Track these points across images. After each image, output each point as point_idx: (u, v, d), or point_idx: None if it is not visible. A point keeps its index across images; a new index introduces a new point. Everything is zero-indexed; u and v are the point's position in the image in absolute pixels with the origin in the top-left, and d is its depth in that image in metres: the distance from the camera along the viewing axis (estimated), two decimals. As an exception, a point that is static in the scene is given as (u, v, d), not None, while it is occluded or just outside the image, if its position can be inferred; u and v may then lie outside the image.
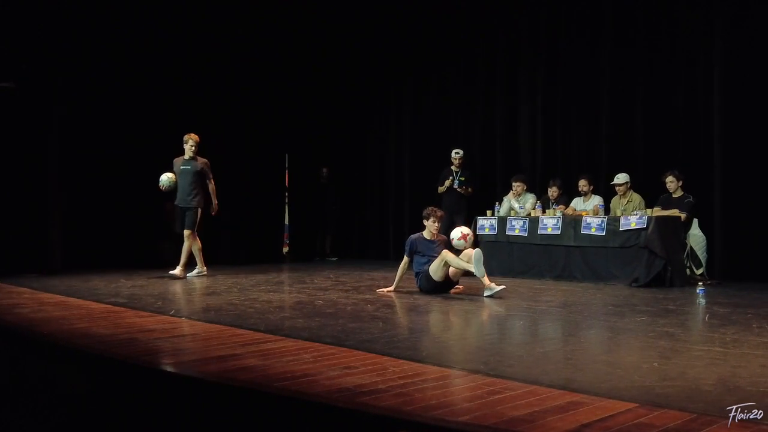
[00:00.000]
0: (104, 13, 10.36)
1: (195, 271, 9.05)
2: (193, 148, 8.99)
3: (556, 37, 10.62)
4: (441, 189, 10.66)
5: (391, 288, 7.37)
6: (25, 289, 7.54)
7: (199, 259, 9.07)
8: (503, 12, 11.21)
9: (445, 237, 7.54)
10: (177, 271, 8.84)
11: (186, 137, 9.04)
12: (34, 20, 9.64)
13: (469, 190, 10.65)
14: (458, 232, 7.45)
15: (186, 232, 8.89)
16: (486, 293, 6.95)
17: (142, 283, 8.12)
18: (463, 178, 10.64)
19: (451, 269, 7.13)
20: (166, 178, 8.81)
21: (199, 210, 8.95)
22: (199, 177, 8.98)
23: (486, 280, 6.99)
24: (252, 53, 12.02)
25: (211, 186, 9.09)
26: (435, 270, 7.13)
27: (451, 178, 10.60)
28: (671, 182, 8.63)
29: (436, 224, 7.40)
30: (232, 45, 11.75)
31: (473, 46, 11.60)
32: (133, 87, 10.65)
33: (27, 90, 9.59)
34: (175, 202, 9.03)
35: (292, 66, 12.66)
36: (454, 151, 10.69)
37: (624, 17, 9.88)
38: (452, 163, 10.68)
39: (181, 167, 8.98)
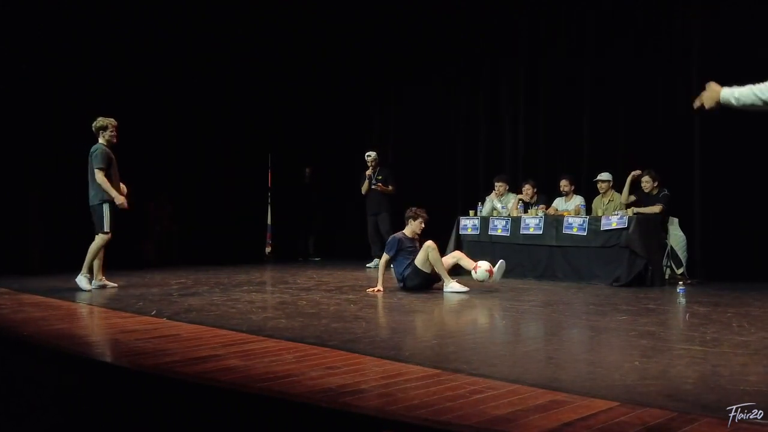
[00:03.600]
0: (87, 11, 10.30)
1: (97, 282, 7.73)
2: (114, 133, 7.72)
3: (539, 38, 10.66)
4: (363, 189, 11.04)
5: (379, 287, 7.39)
6: (5, 289, 7.47)
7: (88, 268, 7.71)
8: (485, 14, 11.24)
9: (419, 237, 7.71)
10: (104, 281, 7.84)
11: (107, 121, 7.70)
12: (15, 21, 9.59)
13: (389, 188, 10.84)
14: (484, 270, 7.50)
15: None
16: (446, 289, 7.30)
17: (123, 284, 8.06)
18: (380, 177, 10.90)
19: (446, 261, 7.45)
20: None
21: None
22: None
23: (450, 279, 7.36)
24: (236, 53, 12.00)
25: None
26: (422, 262, 7.35)
27: (368, 178, 10.94)
28: (647, 182, 8.69)
29: (422, 225, 7.58)
30: (216, 45, 11.73)
31: (456, 47, 11.62)
32: (115, 87, 10.58)
33: (9, 90, 9.53)
34: (119, 202, 7.67)
35: (276, 66, 12.65)
36: (366, 153, 10.96)
37: (605, 19, 9.93)
38: (367, 167, 11.03)
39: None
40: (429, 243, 7.37)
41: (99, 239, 7.67)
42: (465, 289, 7.24)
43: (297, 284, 8.18)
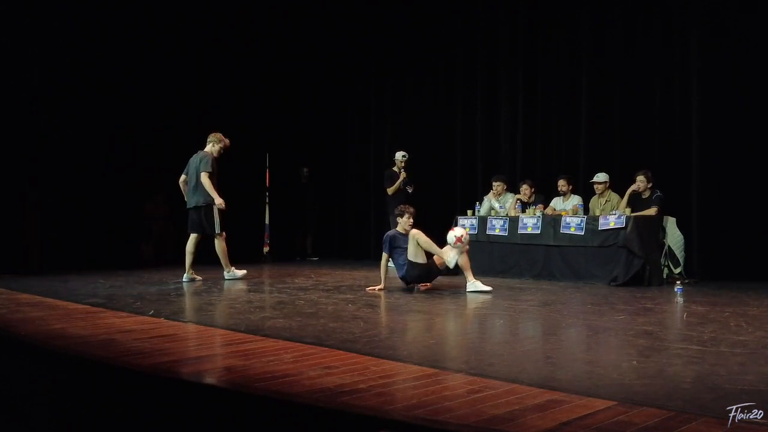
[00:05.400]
0: (83, 10, 10.28)
1: (188, 276, 8.53)
2: (221, 151, 8.74)
3: (536, 38, 10.66)
4: (392, 189, 10.77)
5: (381, 286, 7.36)
6: (2, 289, 7.45)
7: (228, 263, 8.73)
8: (483, 14, 11.24)
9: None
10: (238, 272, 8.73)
11: (221, 137, 8.75)
12: (11, 16, 9.56)
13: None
14: (452, 237, 7.48)
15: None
16: (468, 288, 7.23)
17: (121, 284, 8.06)
18: (406, 178, 10.79)
19: (436, 257, 7.37)
20: None
21: None
22: None
23: (471, 277, 7.27)
24: (233, 52, 11.98)
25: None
26: (413, 254, 7.32)
27: (402, 179, 10.74)
28: (641, 182, 8.64)
29: (411, 220, 7.56)
30: (213, 44, 11.71)
31: (453, 47, 11.62)
32: (112, 87, 10.57)
33: (3, 91, 9.51)
34: (218, 202, 8.46)
35: (274, 65, 12.63)
36: (401, 153, 10.81)
37: (602, 19, 9.94)
38: (395, 164, 10.87)
39: None
40: (413, 232, 7.31)
41: (219, 240, 8.53)
42: (487, 288, 7.24)
43: (295, 284, 8.18)
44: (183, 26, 11.30)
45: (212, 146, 8.61)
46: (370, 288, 7.42)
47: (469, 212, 9.64)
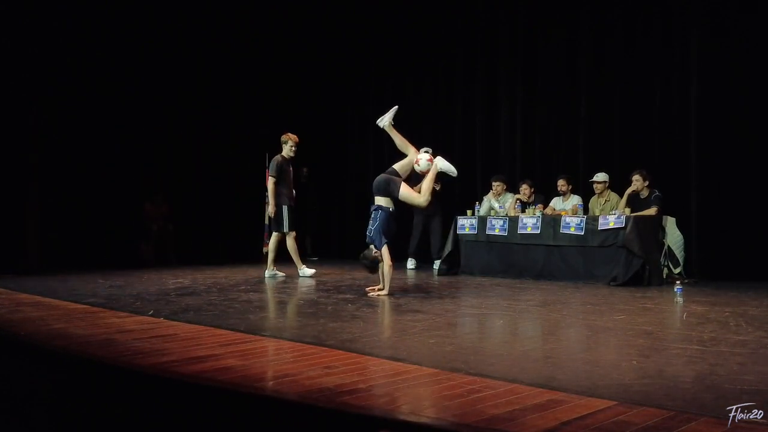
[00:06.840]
0: (83, 10, 10.30)
1: (270, 272, 9.08)
2: (294, 148, 9.05)
3: (536, 37, 10.67)
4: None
5: (381, 286, 7.28)
6: (2, 289, 7.45)
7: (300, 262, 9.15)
8: (483, 14, 11.25)
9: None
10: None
11: (288, 137, 9.07)
12: (13, 19, 9.57)
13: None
14: (424, 158, 7.47)
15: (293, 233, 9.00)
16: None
17: (120, 284, 8.05)
18: None
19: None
20: None
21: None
22: None
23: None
24: (232, 51, 12.00)
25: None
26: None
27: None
28: (637, 181, 8.64)
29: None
30: (213, 44, 11.72)
31: (453, 47, 11.62)
32: (112, 87, 10.58)
33: (4, 91, 9.51)
34: (269, 211, 9.14)
35: (272, 65, 12.64)
36: (423, 150, 10.59)
37: (602, 20, 9.94)
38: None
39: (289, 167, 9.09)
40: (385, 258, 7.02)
41: (289, 238, 9.00)
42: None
43: (294, 284, 8.18)
44: (183, 26, 11.32)
45: (283, 148, 9.04)
46: (370, 288, 7.40)
47: (469, 212, 9.63)
